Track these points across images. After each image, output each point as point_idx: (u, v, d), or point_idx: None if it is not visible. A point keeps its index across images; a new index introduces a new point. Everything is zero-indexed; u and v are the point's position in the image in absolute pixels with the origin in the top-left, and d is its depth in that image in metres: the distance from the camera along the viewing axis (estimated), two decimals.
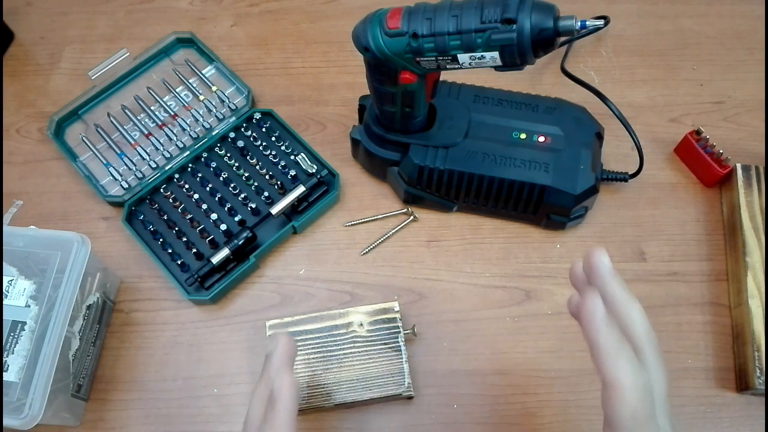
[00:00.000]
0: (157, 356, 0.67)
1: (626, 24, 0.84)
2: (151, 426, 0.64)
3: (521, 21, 0.51)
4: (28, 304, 0.59)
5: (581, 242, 0.71)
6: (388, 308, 0.64)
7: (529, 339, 0.67)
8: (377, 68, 0.59)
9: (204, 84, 0.79)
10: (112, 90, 0.79)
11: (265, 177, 0.73)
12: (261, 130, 0.76)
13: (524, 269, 0.70)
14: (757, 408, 0.63)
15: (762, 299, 0.64)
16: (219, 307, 0.69)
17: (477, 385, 0.65)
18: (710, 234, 0.71)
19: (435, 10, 0.54)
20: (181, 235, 0.70)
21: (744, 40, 0.83)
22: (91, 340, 0.64)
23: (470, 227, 0.72)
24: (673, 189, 0.74)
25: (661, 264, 0.70)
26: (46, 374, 0.55)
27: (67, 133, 0.77)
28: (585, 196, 0.66)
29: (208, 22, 0.86)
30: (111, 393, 0.65)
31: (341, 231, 0.72)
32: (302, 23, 0.85)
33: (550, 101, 0.69)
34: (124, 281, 0.70)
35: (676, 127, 0.77)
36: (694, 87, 0.80)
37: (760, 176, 0.70)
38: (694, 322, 0.67)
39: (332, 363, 0.62)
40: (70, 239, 0.60)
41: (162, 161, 0.75)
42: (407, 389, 0.61)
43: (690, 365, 0.65)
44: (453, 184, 0.68)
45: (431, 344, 0.66)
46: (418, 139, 0.67)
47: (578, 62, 0.81)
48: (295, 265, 0.71)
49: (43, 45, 0.85)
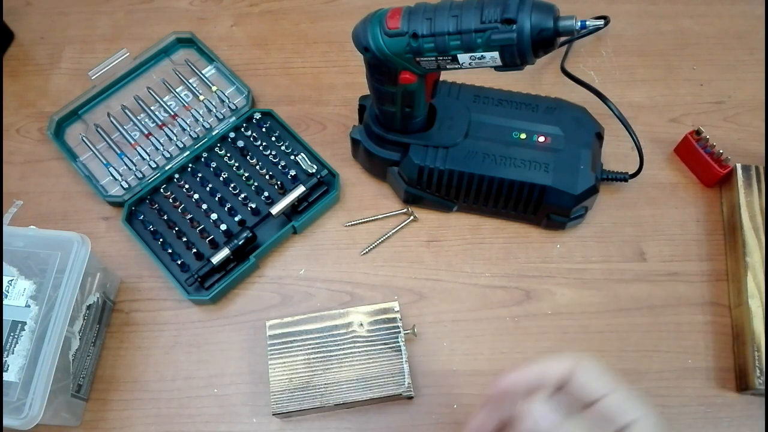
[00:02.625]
0: (157, 356, 0.67)
1: (626, 24, 0.84)
2: (151, 426, 0.64)
3: (521, 21, 0.51)
4: (28, 304, 0.59)
5: (581, 242, 0.71)
6: (388, 308, 0.64)
7: (529, 339, 0.67)
8: (377, 68, 0.59)
9: (204, 84, 0.79)
10: (112, 90, 0.79)
11: (265, 177, 0.73)
12: (261, 130, 0.76)
13: (524, 269, 0.70)
14: (757, 408, 0.63)
15: (762, 299, 0.64)
16: (219, 307, 0.69)
17: (477, 385, 0.65)
18: (710, 234, 0.71)
19: (435, 10, 0.54)
20: (181, 235, 0.70)
21: (744, 40, 0.82)
22: (91, 340, 0.64)
23: (470, 227, 0.72)
24: (673, 189, 0.74)
25: (661, 264, 0.70)
26: (46, 374, 0.55)
27: (67, 133, 0.77)
28: (585, 196, 0.66)
29: (208, 22, 0.86)
30: (111, 393, 0.65)
31: (341, 231, 0.72)
32: (302, 23, 0.85)
33: (550, 101, 0.69)
34: (124, 281, 0.70)
35: (676, 127, 0.77)
36: (694, 87, 0.80)
37: (760, 176, 0.70)
38: (694, 322, 0.67)
39: (332, 363, 0.62)
40: (70, 239, 0.60)
41: (162, 161, 0.75)
42: (407, 389, 0.61)
43: (690, 365, 0.65)
44: (453, 184, 0.68)
45: (431, 344, 0.66)
46: (418, 139, 0.67)
47: (578, 62, 0.81)
48: (295, 265, 0.71)
49: (43, 45, 0.85)
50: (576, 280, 0.69)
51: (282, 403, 0.61)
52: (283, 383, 0.61)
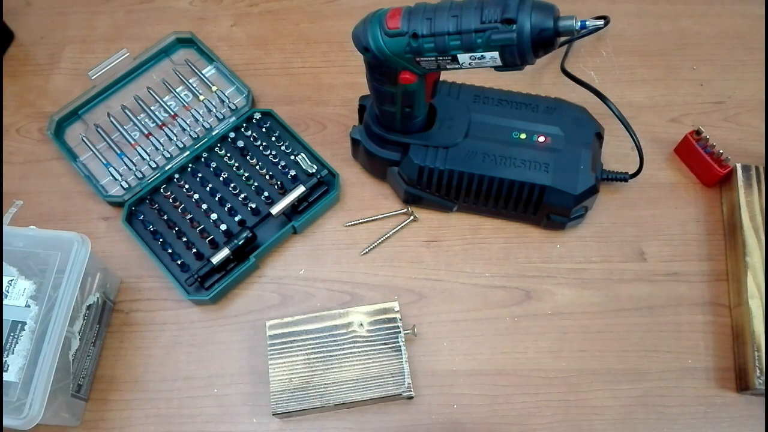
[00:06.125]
0: (157, 356, 0.67)
1: (626, 24, 0.84)
2: (151, 426, 0.64)
3: (521, 21, 0.51)
4: (28, 304, 0.59)
5: (581, 242, 0.71)
6: (388, 308, 0.64)
7: (529, 339, 0.67)
8: (377, 68, 0.59)
9: (204, 84, 0.79)
10: (112, 90, 0.79)
11: (265, 177, 0.73)
12: (261, 130, 0.76)
13: (524, 269, 0.70)
14: (757, 408, 0.63)
15: (762, 299, 0.64)
16: (219, 307, 0.69)
17: (477, 385, 0.65)
18: (710, 234, 0.71)
19: (435, 10, 0.54)
20: (181, 235, 0.70)
21: (744, 40, 0.83)
22: (91, 340, 0.64)
23: (470, 227, 0.72)
24: (673, 189, 0.74)
25: (661, 264, 0.70)
26: (46, 374, 0.55)
27: (67, 133, 0.77)
28: (585, 196, 0.66)
29: (208, 22, 0.86)
30: (111, 393, 0.65)
31: (341, 231, 0.72)
32: (302, 23, 0.85)
33: (550, 101, 0.69)
34: (124, 281, 0.70)
35: (676, 127, 0.77)
36: (694, 87, 0.80)
37: (760, 176, 0.70)
38: (694, 322, 0.67)
39: (332, 363, 0.62)
40: (70, 239, 0.60)
41: (162, 161, 0.75)
42: (407, 389, 0.61)
43: (690, 365, 0.65)
44: (453, 184, 0.68)
45: (431, 344, 0.66)
46: (418, 139, 0.67)
47: (578, 62, 0.81)
48: (295, 265, 0.71)
49: (43, 45, 0.85)
50: (576, 280, 0.69)
51: (282, 403, 0.61)
52: (283, 383, 0.61)
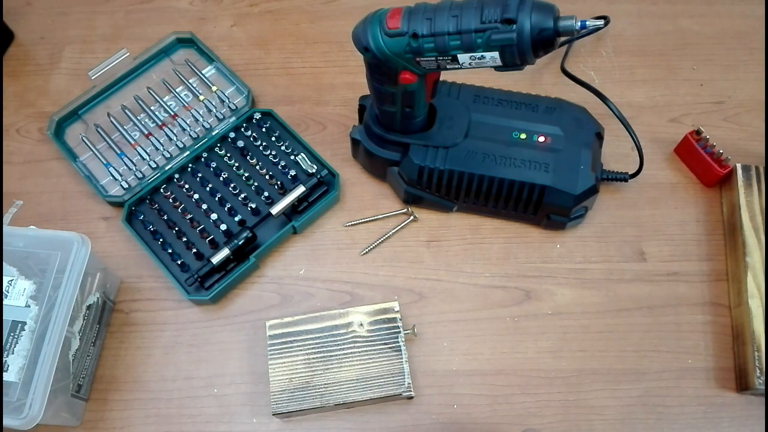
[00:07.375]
0: (157, 356, 0.67)
1: (626, 24, 0.84)
2: (151, 426, 0.64)
3: (521, 21, 0.51)
4: (28, 304, 0.59)
5: (581, 242, 0.71)
6: (388, 308, 0.64)
7: (529, 339, 0.67)
8: (377, 68, 0.59)
9: (204, 84, 0.79)
10: (112, 90, 0.79)
11: (265, 177, 0.73)
12: (261, 130, 0.76)
13: (524, 269, 0.70)
14: (757, 408, 0.63)
15: (762, 299, 0.64)
16: (219, 307, 0.69)
17: (477, 385, 0.65)
18: (710, 234, 0.71)
19: (435, 10, 0.54)
20: (181, 235, 0.70)
21: (744, 40, 0.83)
22: (91, 340, 0.64)
23: (470, 227, 0.72)
24: (673, 189, 0.74)
25: (661, 264, 0.70)
26: (46, 374, 0.55)
27: (67, 133, 0.77)
28: (585, 196, 0.66)
29: (208, 22, 0.86)
30: (111, 393, 0.65)
31: (341, 231, 0.72)
32: (302, 23, 0.85)
33: (550, 101, 0.69)
34: (124, 281, 0.70)
35: (676, 127, 0.77)
36: (694, 87, 0.80)
37: (760, 176, 0.70)
38: (694, 322, 0.67)
39: (332, 363, 0.62)
40: (70, 239, 0.60)
41: (162, 161, 0.75)
42: (407, 389, 0.61)
43: (690, 365, 0.65)
44: (453, 184, 0.68)
45: (431, 344, 0.66)
46: (418, 139, 0.67)
47: (578, 62, 0.81)
48: (295, 265, 0.71)
49: (43, 45, 0.85)
50: (576, 280, 0.69)
51: (282, 403, 0.61)
52: (283, 383, 0.61)
